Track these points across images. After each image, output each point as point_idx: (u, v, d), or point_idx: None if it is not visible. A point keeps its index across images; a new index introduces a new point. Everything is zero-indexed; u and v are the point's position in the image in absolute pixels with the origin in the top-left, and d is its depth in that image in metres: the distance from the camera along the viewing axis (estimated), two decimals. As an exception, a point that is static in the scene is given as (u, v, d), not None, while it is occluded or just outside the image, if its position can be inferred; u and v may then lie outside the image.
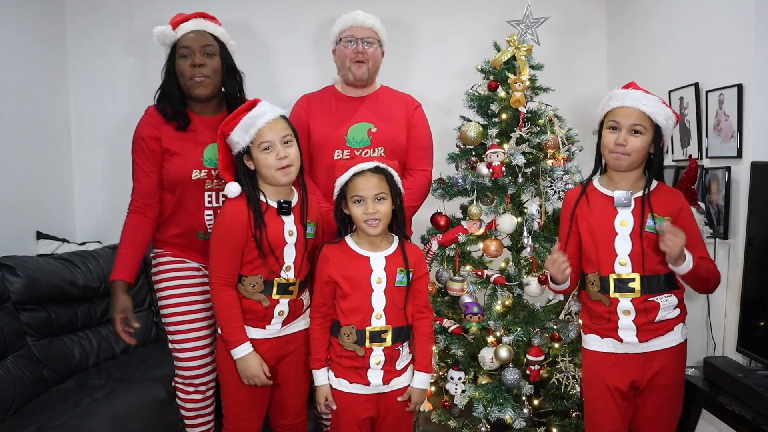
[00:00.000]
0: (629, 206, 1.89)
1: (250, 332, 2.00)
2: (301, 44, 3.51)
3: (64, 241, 3.16)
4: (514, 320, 2.43)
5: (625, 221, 1.89)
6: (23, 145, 3.02)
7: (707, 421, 2.20)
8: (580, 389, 2.40)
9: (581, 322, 2.09)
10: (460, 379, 2.43)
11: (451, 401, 2.49)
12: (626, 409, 1.93)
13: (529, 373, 2.38)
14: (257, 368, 1.96)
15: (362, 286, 1.95)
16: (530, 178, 2.47)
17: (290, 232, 2.00)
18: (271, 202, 1.99)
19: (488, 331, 2.44)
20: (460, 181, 2.49)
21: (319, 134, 2.39)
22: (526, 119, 2.46)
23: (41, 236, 3.11)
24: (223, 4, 3.47)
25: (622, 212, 1.90)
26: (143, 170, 2.16)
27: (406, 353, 2.02)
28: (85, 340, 2.76)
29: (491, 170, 2.41)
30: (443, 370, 2.58)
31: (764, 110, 2.36)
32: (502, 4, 3.43)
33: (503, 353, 2.33)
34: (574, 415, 2.46)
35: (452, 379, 2.44)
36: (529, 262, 2.45)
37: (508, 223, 2.39)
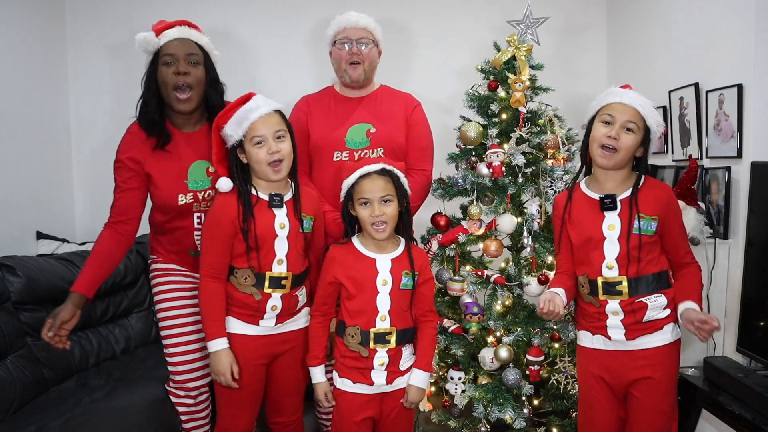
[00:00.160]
0: (615, 210, 1.89)
1: (242, 329, 1.99)
2: (300, 44, 3.50)
3: (64, 241, 3.16)
4: (514, 320, 2.43)
5: (612, 225, 1.89)
6: (23, 145, 3.02)
7: (707, 421, 2.20)
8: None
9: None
10: (460, 379, 2.43)
11: (451, 401, 2.49)
12: (619, 407, 1.94)
13: (529, 373, 2.38)
14: (226, 366, 1.94)
15: (367, 287, 1.95)
16: (530, 178, 2.47)
17: (281, 224, 1.98)
18: (262, 195, 1.98)
19: (488, 331, 2.44)
20: (460, 181, 2.49)
21: (318, 136, 2.38)
22: (526, 119, 2.46)
23: (41, 236, 3.11)
24: (223, 4, 3.49)
25: (609, 216, 1.90)
26: (120, 187, 2.13)
27: (409, 353, 2.02)
28: (85, 340, 2.75)
29: (491, 170, 2.41)
30: (443, 370, 2.58)
31: (764, 110, 2.36)
32: (502, 4, 3.44)
33: (503, 353, 2.33)
34: (574, 415, 2.46)
35: (452, 379, 2.44)
36: (529, 262, 2.45)
37: (508, 223, 2.39)
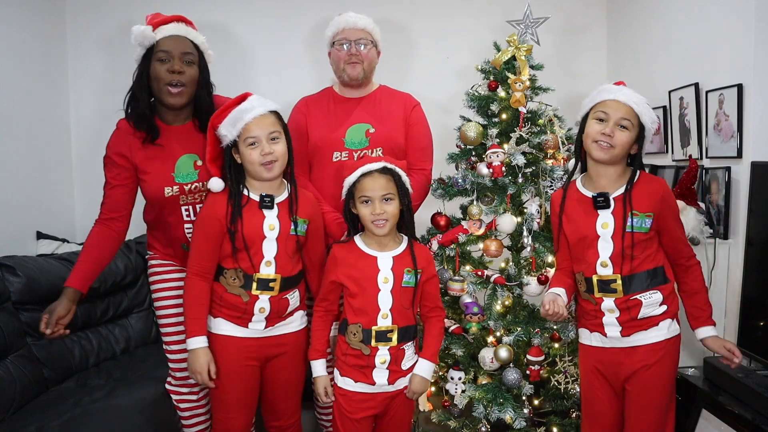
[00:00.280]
0: (609, 208, 1.89)
1: (231, 330, 1.98)
2: (300, 45, 3.50)
3: (64, 241, 3.16)
4: (514, 320, 2.43)
5: (606, 223, 1.88)
6: (23, 145, 3.02)
7: (707, 421, 2.20)
8: (579, 389, 2.40)
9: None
10: (460, 379, 2.43)
11: (451, 401, 2.49)
12: (619, 403, 1.95)
13: (529, 373, 2.38)
14: (203, 366, 1.93)
15: (369, 285, 1.95)
16: (530, 178, 2.46)
17: (271, 226, 1.96)
18: (253, 196, 1.97)
19: (488, 331, 2.44)
20: (460, 181, 2.49)
21: (317, 136, 2.37)
22: (526, 119, 2.46)
23: (41, 236, 3.11)
24: (223, 4, 3.49)
25: (602, 214, 1.89)
26: (110, 183, 2.14)
27: (411, 353, 2.02)
28: (85, 340, 2.75)
29: (491, 170, 2.41)
30: (443, 370, 2.58)
31: (764, 110, 2.36)
32: (502, 4, 3.43)
33: (503, 353, 2.33)
34: (574, 415, 2.46)
35: (452, 379, 2.44)
36: (529, 262, 2.44)
37: (508, 223, 2.38)
